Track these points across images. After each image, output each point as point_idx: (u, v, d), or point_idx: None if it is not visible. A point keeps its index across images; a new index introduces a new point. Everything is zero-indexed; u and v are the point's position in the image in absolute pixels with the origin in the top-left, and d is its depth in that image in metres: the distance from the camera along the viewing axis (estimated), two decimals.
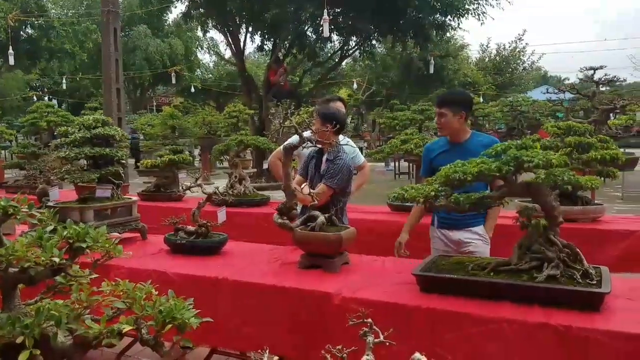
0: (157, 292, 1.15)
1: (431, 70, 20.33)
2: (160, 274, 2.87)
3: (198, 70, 30.17)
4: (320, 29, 11.29)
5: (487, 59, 33.15)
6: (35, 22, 19.38)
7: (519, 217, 2.25)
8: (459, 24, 13.44)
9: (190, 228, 3.40)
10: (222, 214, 3.70)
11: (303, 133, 2.81)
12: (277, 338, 2.63)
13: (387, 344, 1.04)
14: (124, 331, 1.03)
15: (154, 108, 31.67)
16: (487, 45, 33.67)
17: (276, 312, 2.60)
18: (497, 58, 32.55)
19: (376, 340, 1.01)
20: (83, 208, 3.36)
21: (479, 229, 3.41)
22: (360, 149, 5.71)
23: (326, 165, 3.41)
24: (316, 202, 2.96)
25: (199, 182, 3.80)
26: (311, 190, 3.01)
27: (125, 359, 3.38)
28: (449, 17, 13.07)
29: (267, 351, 0.96)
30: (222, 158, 6.45)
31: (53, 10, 21.74)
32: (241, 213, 4.86)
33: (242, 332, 2.70)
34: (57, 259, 1.06)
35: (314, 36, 13.27)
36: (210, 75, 30.50)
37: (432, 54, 19.35)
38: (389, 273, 2.71)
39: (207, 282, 2.79)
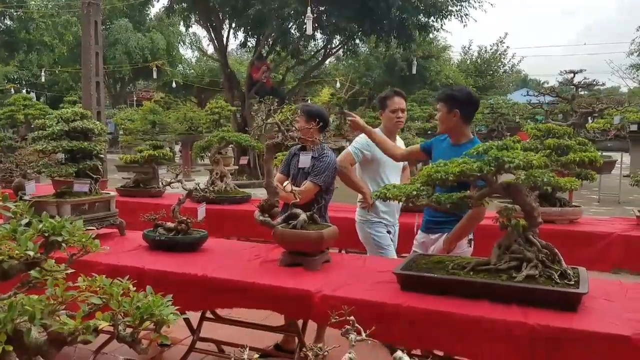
0: (134, 288, 1.13)
1: (414, 71, 20.43)
2: (138, 271, 2.83)
3: (180, 65, 29.88)
4: (304, 26, 11.26)
5: (468, 61, 33.43)
6: (15, 14, 19.00)
7: (498, 217, 2.27)
8: (442, 25, 13.54)
9: (170, 224, 3.36)
10: (202, 211, 3.66)
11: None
12: (257, 336, 2.62)
13: (369, 341, 1.03)
14: (100, 327, 1.00)
15: (134, 103, 31.28)
16: (469, 47, 34.00)
17: (258, 310, 2.59)
18: (479, 60, 32.85)
19: (358, 338, 1.00)
20: (60, 202, 3.30)
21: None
22: (342, 148, 5.70)
23: (312, 163, 3.40)
24: (298, 199, 2.94)
25: (179, 177, 3.75)
26: (294, 188, 3.00)
27: (102, 356, 3.34)
28: (432, 18, 13.15)
29: (247, 349, 0.95)
30: (203, 154, 6.38)
31: (32, 2, 21.30)
32: (222, 210, 4.83)
33: (222, 330, 2.68)
34: (31, 253, 1.03)
35: (298, 34, 13.23)
36: (192, 71, 30.21)
37: (415, 54, 19.46)
38: (370, 271, 2.71)
39: (186, 279, 2.76)
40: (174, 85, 25.50)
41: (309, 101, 18.53)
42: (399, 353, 0.99)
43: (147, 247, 3.33)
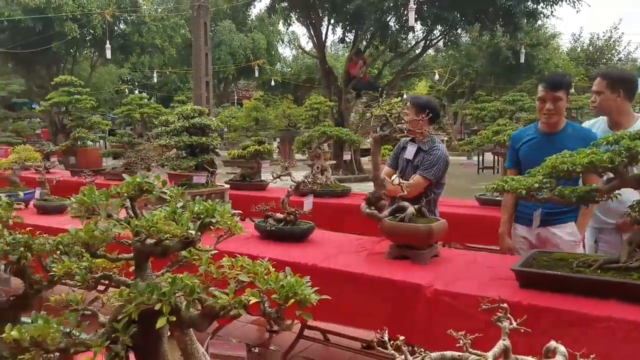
0: (274, 269, 1.20)
1: (522, 60, 19.37)
2: (253, 258, 2.96)
3: (278, 64, 30.79)
4: (404, 18, 11.10)
5: (579, 49, 31.31)
6: (128, 18, 20.53)
7: (630, 212, 2.11)
8: (552, 11, 12.72)
9: (279, 215, 3.49)
10: (308, 203, 3.77)
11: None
12: (365, 326, 2.65)
13: (522, 330, 1.02)
14: (250, 303, 1.08)
15: (235, 101, 32.68)
16: (579, 35, 31.83)
17: (365, 300, 2.62)
18: (590, 48, 30.65)
19: (511, 326, 0.99)
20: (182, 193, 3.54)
21: (570, 226, 3.11)
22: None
23: (421, 156, 3.36)
24: (406, 192, 2.92)
25: (288, 171, 3.88)
26: (401, 181, 2.99)
27: (217, 339, 3.55)
28: (541, 4, 12.40)
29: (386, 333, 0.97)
30: (304, 149, 6.53)
31: (144, 6, 22.91)
32: (323, 203, 4.90)
33: (332, 318, 2.74)
34: (192, 232, 1.13)
35: (397, 26, 13.07)
36: (289, 69, 31.03)
37: (523, 42, 18.42)
38: (482, 267, 2.63)
39: (296, 267, 2.85)
40: (272, 83, 26.32)
41: (405, 95, 18.27)
42: (552, 343, 0.96)
43: (258, 237, 3.47)
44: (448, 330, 1.00)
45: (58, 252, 1.52)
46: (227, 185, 4.14)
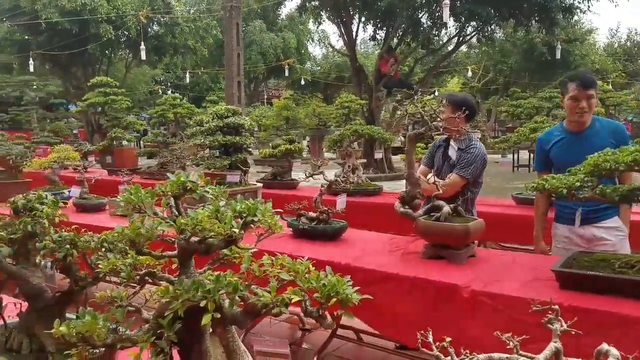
0: (314, 268, 1.21)
1: (557, 56, 18.92)
2: (288, 256, 2.99)
3: (308, 62, 30.87)
4: (437, 14, 10.95)
5: (616, 45, 30.40)
6: (162, 20, 20.90)
7: None
8: (589, 6, 12.38)
9: (312, 214, 3.49)
10: (341, 201, 3.76)
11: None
12: (400, 326, 2.63)
13: (573, 333, 1.00)
14: (292, 301, 1.09)
15: (265, 101, 32.90)
16: (616, 30, 30.89)
17: (400, 300, 2.60)
18: (628, 43, 29.72)
19: (561, 328, 0.97)
20: (223, 192, 3.59)
21: (613, 221, 3.06)
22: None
23: (458, 155, 3.31)
24: (441, 191, 2.89)
25: (320, 170, 3.88)
26: (436, 179, 2.95)
27: (251, 335, 3.58)
28: None
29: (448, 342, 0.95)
30: (334, 148, 6.53)
31: (177, 8, 23.26)
32: (354, 202, 4.88)
33: (365, 318, 2.73)
34: (236, 230, 1.14)
35: (429, 23, 12.93)
36: (319, 68, 31.05)
37: (559, 38, 17.96)
38: (520, 268, 2.58)
39: (330, 266, 2.85)
40: (302, 82, 26.40)
41: (436, 92, 18.03)
42: (604, 345, 0.94)
43: (291, 235, 3.49)
44: (495, 332, 0.98)
45: (103, 249, 1.56)
46: (260, 184, 4.17)
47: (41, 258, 1.68)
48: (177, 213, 1.27)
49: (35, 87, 17.29)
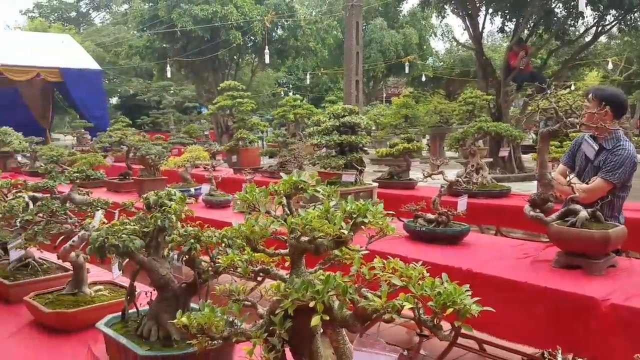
0: (429, 274, 1.13)
1: None
2: (401, 259, 2.90)
3: (429, 58, 30.21)
4: (572, 3, 10.07)
5: None
6: (285, 23, 21.74)
7: None
8: None
9: (430, 216, 3.37)
10: (463, 203, 3.59)
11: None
12: (527, 341, 2.44)
13: None
14: (404, 308, 1.03)
15: (384, 99, 32.77)
16: None
17: (527, 312, 2.41)
18: None
19: None
20: (334, 192, 3.61)
21: None
22: None
23: (603, 156, 2.98)
24: (577, 194, 2.62)
25: (439, 169, 3.74)
26: (578, 182, 2.68)
27: (365, 336, 3.55)
28: None
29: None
30: (457, 146, 6.26)
31: (300, 11, 24.03)
32: (478, 204, 4.64)
33: (488, 328, 2.57)
34: (345, 231, 1.11)
35: (564, 12, 11.95)
36: (442, 63, 30.22)
37: None
38: None
39: (448, 272, 2.72)
40: (423, 78, 25.87)
41: (572, 86, 16.60)
42: None
43: (407, 237, 3.39)
44: (636, 355, 0.84)
45: (223, 244, 1.62)
46: (376, 184, 4.12)
47: (169, 251, 1.79)
48: (288, 212, 1.27)
49: (172, 91, 18.87)
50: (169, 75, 20.22)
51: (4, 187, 2.53)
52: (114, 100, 33.07)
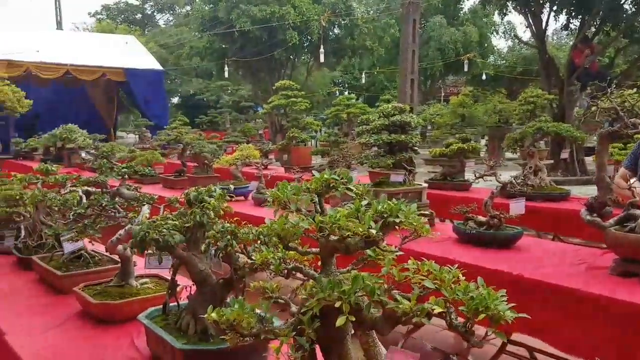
0: (464, 278, 1.08)
1: None
2: (447, 261, 2.81)
3: (491, 56, 29.35)
4: None
5: None
6: (342, 22, 21.71)
7: None
8: None
9: (482, 218, 3.26)
10: (517, 206, 3.45)
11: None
12: (580, 351, 2.30)
13: None
14: (434, 312, 0.98)
15: (442, 98, 32.11)
16: None
17: (580, 321, 2.28)
18: None
19: None
20: (377, 191, 3.55)
21: None
22: None
23: None
24: (638, 199, 2.46)
25: (493, 170, 3.61)
26: (633, 185, 2.52)
27: (411, 340, 3.48)
28: None
29: None
30: (515, 147, 6.03)
31: (357, 10, 23.91)
32: (535, 207, 4.45)
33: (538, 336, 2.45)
34: (373, 231, 1.08)
35: (633, 9, 11.28)
36: (503, 61, 29.26)
37: None
38: None
39: (498, 276, 2.62)
40: (483, 77, 25.15)
41: None
42: None
43: (456, 240, 3.30)
44: None
45: (259, 241, 1.62)
46: (425, 185, 4.02)
47: (207, 246, 1.81)
48: (319, 210, 1.25)
49: (229, 91, 19.28)
50: (226, 75, 20.65)
51: (60, 181, 2.65)
52: (175, 100, 34.19)
